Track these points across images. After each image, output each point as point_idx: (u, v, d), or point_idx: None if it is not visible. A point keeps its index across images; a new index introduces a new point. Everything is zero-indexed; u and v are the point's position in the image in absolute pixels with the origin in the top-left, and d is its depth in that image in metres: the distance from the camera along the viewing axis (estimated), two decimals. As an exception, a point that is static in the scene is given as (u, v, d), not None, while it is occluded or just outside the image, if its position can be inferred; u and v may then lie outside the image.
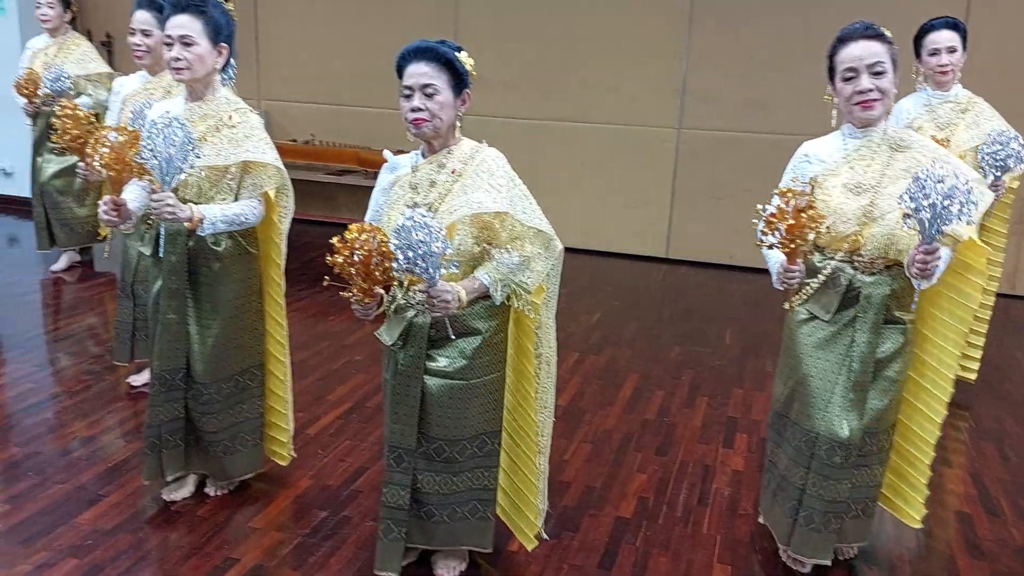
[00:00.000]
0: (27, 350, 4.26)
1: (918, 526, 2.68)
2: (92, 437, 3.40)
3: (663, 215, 6.24)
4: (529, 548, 2.57)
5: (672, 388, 4.10)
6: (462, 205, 2.23)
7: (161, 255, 2.73)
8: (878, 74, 2.36)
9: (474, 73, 2.31)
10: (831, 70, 2.45)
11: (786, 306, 2.59)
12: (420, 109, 2.23)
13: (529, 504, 2.50)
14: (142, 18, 3.58)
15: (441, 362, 2.34)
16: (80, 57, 5.12)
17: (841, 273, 2.46)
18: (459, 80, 2.26)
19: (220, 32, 2.65)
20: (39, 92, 4.92)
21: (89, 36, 6.86)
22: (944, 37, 3.65)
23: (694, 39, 5.92)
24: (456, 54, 2.26)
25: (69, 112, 3.17)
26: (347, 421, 3.61)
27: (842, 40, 2.41)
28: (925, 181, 2.11)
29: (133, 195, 2.70)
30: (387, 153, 2.47)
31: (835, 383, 2.48)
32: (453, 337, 2.30)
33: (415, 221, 2.05)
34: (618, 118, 6.17)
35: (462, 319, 2.30)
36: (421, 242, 2.05)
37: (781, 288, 2.46)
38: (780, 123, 5.70)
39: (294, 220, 2.87)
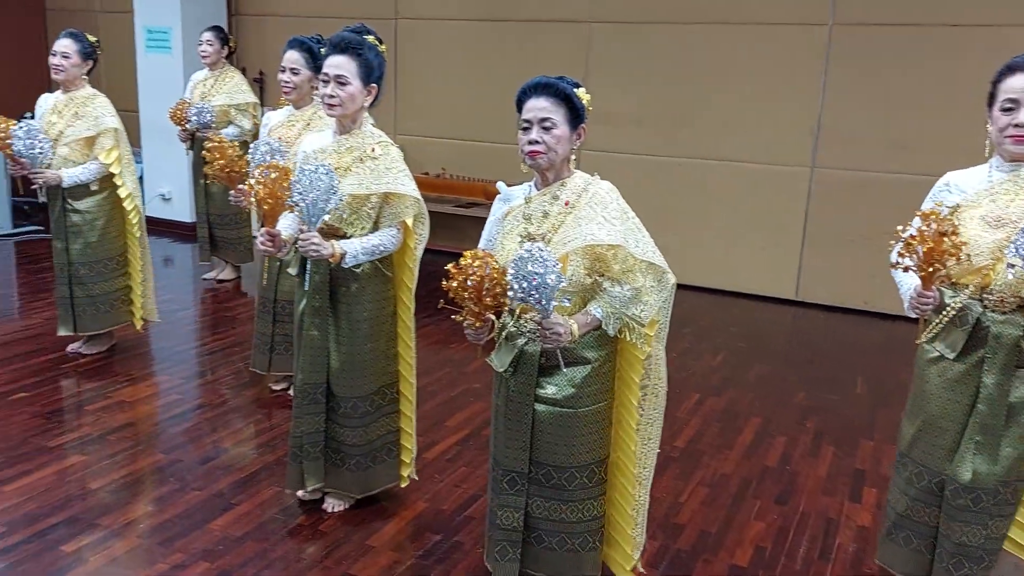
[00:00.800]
0: (176, 363, 4.58)
1: None
2: (228, 448, 3.61)
3: (793, 256, 6.06)
4: None
5: (796, 435, 3.96)
6: (575, 237, 2.26)
7: (307, 276, 2.90)
8: None
9: (591, 108, 2.34)
10: (992, 96, 2.37)
11: (920, 339, 2.52)
12: (537, 142, 2.28)
13: (625, 536, 2.49)
14: (292, 57, 3.85)
15: (550, 390, 2.37)
16: (232, 89, 5.62)
17: (969, 311, 2.37)
18: (576, 115, 2.31)
19: (372, 73, 2.81)
20: (187, 123, 5.39)
21: (244, 72, 7.38)
22: None
23: (831, 76, 5.76)
24: (574, 90, 2.30)
25: (216, 145, 3.47)
26: (464, 448, 3.68)
27: (1010, 68, 2.34)
28: None
29: (286, 223, 2.89)
30: (501, 184, 2.54)
31: (962, 425, 2.42)
32: (564, 369, 2.32)
33: (531, 253, 2.10)
34: (749, 155, 6.07)
35: (571, 348, 2.33)
36: (536, 274, 2.09)
37: (914, 315, 2.41)
38: (922, 165, 5.43)
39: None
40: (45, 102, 4.31)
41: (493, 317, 2.25)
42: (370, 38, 2.84)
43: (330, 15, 7.18)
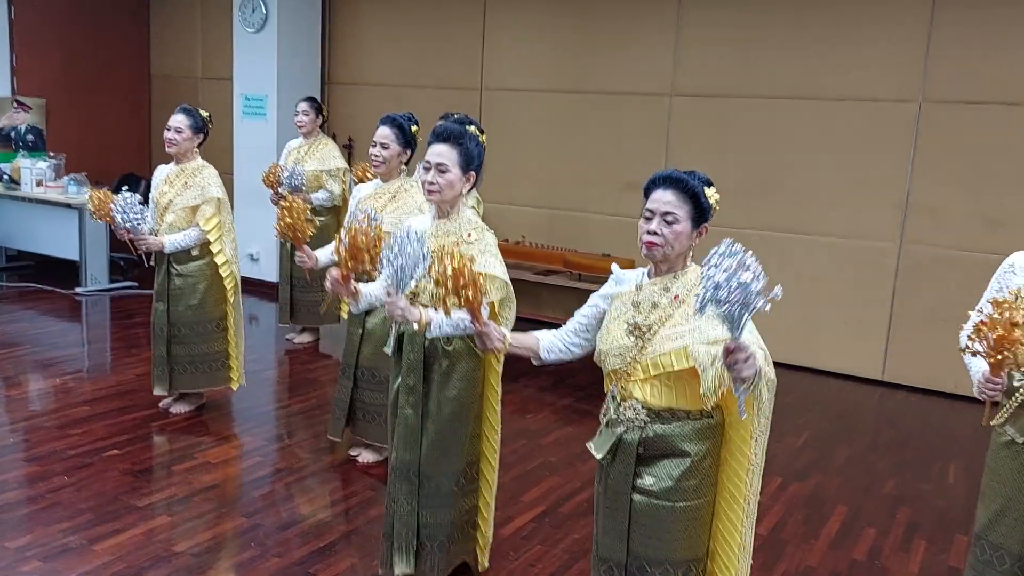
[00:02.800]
0: (259, 424, 4.69)
1: None
2: (306, 515, 3.65)
3: (880, 334, 5.89)
4: None
5: (885, 526, 3.79)
6: (684, 333, 2.23)
7: (402, 353, 2.97)
8: None
9: (717, 208, 2.31)
10: None
11: (992, 422, 2.49)
12: (656, 233, 2.28)
13: None
14: (383, 132, 3.98)
15: (647, 480, 2.32)
16: (324, 155, 5.88)
17: None
18: (701, 213, 2.29)
19: (471, 162, 2.90)
20: (279, 187, 5.62)
21: (335, 138, 7.66)
22: None
23: (920, 152, 5.65)
24: (704, 188, 2.29)
25: (287, 205, 3.49)
26: (540, 525, 3.63)
27: None
28: None
29: (375, 288, 2.96)
30: (615, 266, 2.55)
31: None
32: (665, 460, 2.28)
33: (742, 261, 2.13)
34: (834, 230, 5.96)
35: (669, 439, 2.28)
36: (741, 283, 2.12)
37: (981, 398, 2.40)
38: (1021, 243, 5.25)
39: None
40: (160, 173, 4.56)
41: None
42: (471, 128, 2.93)
43: (418, 84, 7.43)
